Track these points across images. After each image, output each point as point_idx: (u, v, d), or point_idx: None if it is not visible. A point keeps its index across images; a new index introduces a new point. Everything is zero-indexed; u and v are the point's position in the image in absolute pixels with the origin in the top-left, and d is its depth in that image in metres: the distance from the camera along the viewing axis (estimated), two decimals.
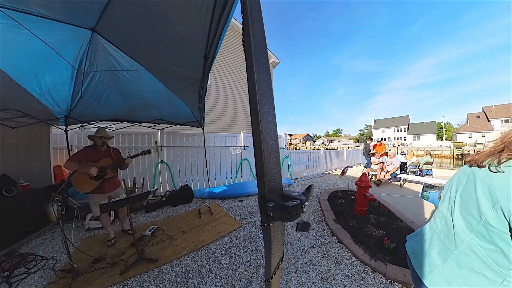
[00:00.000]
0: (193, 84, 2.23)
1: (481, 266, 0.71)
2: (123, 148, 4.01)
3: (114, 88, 2.44)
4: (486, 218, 0.68)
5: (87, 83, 2.29)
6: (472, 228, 0.73)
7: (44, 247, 2.45)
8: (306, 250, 2.39)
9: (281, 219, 0.55)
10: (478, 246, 0.71)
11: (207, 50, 1.54)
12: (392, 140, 48.61)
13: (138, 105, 2.95)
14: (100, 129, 2.47)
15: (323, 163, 8.20)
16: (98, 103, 2.71)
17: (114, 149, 2.61)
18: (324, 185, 5.72)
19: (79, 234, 2.80)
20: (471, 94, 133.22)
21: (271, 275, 0.67)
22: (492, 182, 0.70)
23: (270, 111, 0.57)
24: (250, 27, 0.54)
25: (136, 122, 3.58)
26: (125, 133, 4.17)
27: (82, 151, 2.38)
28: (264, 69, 0.55)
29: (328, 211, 3.36)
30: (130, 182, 3.96)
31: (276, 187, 0.58)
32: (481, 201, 0.70)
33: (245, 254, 2.28)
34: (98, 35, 1.64)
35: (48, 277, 1.93)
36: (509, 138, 0.71)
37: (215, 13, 1.18)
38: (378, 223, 2.94)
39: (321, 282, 1.89)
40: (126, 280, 1.87)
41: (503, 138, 0.73)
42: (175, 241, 2.53)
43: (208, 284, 1.82)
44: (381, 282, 1.90)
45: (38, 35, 1.46)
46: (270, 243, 0.64)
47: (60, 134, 3.66)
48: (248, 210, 3.61)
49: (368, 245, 2.42)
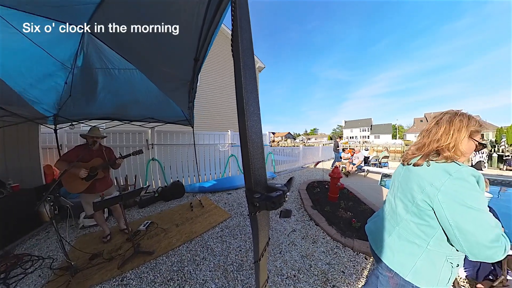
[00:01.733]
0: (184, 85, 2.12)
1: (413, 236, 0.83)
2: (114, 147, 3.71)
3: (105, 86, 2.23)
4: (416, 200, 0.80)
5: (77, 81, 2.06)
6: (408, 209, 0.85)
7: (39, 247, 2.21)
8: (289, 234, 2.46)
9: (266, 208, 0.56)
10: (411, 222, 0.84)
11: (197, 52, 1.47)
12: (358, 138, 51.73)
13: (129, 104, 2.72)
14: (93, 128, 2.22)
15: (302, 158, 8.42)
16: (89, 102, 2.46)
17: (107, 148, 2.34)
18: (303, 177, 5.89)
19: (73, 232, 2.56)
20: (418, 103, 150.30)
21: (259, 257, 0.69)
22: (420, 174, 0.82)
23: (255, 111, 0.56)
24: (239, 34, 0.53)
25: (127, 120, 3.31)
26: (116, 132, 3.86)
27: (73, 151, 2.11)
28: (250, 73, 0.55)
29: (306, 199, 3.47)
30: (123, 179, 3.69)
31: (261, 180, 0.58)
32: (414, 188, 0.82)
33: (235, 241, 2.28)
34: (90, 34, 1.50)
35: (46, 276, 1.75)
36: (428, 148, 0.82)
37: (206, 19, 1.13)
38: (347, 207, 3.11)
39: (302, 259, 1.98)
40: (125, 273, 1.76)
41: (426, 145, 0.84)
42: (169, 234, 2.43)
43: (203, 270, 1.79)
44: (350, 254, 2.06)
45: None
46: (257, 229, 0.64)
47: (49, 133, 3.27)
48: (236, 201, 3.59)
49: (339, 226, 2.56)
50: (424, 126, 0.92)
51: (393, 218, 0.94)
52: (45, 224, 2.66)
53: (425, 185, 0.77)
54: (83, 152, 2.07)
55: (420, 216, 0.80)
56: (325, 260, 1.97)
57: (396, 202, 0.94)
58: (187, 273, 1.76)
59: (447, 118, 0.80)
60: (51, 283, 1.65)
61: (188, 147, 4.52)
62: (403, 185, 0.91)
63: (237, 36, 0.53)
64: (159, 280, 1.68)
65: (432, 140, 0.81)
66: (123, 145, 3.93)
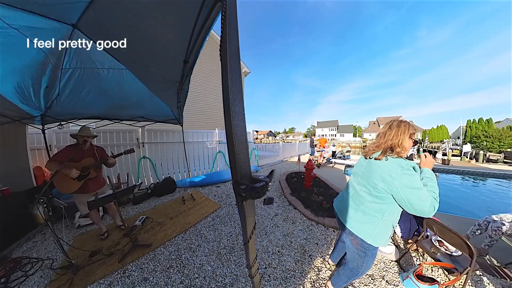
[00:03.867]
0: (173, 86, 1.97)
1: (374, 212, 1.01)
2: (105, 146, 3.34)
3: (94, 86, 1.96)
4: (377, 187, 0.96)
5: (65, 80, 1.79)
6: (370, 193, 1.01)
7: (37, 249, 1.93)
8: (272, 217, 2.52)
9: (251, 197, 0.56)
10: (373, 202, 1.01)
11: (187, 55, 1.38)
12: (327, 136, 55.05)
13: (119, 103, 2.43)
14: (83, 128, 1.96)
15: (282, 153, 8.61)
16: (78, 101, 2.14)
17: (98, 147, 2.09)
18: (282, 169, 6.04)
19: (70, 232, 2.27)
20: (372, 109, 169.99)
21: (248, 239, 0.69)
22: (381, 166, 0.97)
23: (240, 111, 0.56)
24: (227, 40, 0.52)
25: (117, 120, 2.97)
26: (106, 131, 3.45)
27: (64, 151, 1.86)
28: (236, 76, 0.54)
29: (286, 188, 3.57)
30: (115, 178, 3.35)
31: (246, 173, 0.58)
32: (376, 177, 0.98)
33: (226, 228, 2.26)
34: (79, 32, 1.30)
35: (48, 276, 1.56)
36: (385, 145, 0.99)
37: (197, 24, 1.06)
38: (319, 192, 3.30)
39: (284, 237, 2.06)
40: (126, 265, 1.65)
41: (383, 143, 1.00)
42: (164, 226, 2.30)
43: (199, 256, 1.76)
44: (322, 229, 2.23)
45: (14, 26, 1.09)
46: (245, 216, 0.64)
47: (37, 134, 2.80)
48: (225, 193, 3.54)
49: (313, 208, 2.70)
50: (377, 128, 1.07)
51: (357, 199, 1.09)
52: (40, 226, 2.31)
53: (385, 175, 0.93)
54: (74, 152, 1.82)
55: (379, 197, 0.97)
56: (302, 236, 2.09)
57: (359, 187, 1.08)
58: (184, 260, 1.71)
59: (395, 124, 0.99)
60: (54, 282, 1.48)
61: (178, 145, 4.29)
62: (366, 174, 1.04)
63: (225, 42, 0.52)
64: (159, 268, 1.61)
65: (387, 139, 0.98)
66: (114, 144, 3.55)
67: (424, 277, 1.41)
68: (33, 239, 2.14)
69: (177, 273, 1.55)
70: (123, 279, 1.51)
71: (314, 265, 1.66)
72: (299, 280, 1.49)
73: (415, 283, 1.34)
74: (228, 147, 0.57)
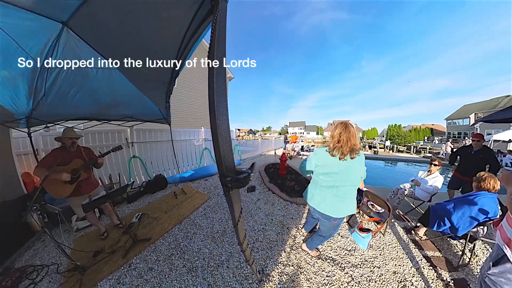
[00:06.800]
0: (162, 86, 1.76)
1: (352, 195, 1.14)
2: (94, 147, 2.77)
3: (83, 86, 1.62)
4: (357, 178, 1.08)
5: (52, 80, 1.43)
6: (355, 185, 1.11)
7: (40, 257, 1.56)
8: (255, 202, 2.56)
9: (236, 187, 0.57)
10: (350, 187, 1.11)
11: (177, 58, 1.25)
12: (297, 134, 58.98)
13: (108, 103, 2.06)
14: (67, 129, 1.61)
15: (261, 148, 8.70)
16: (65, 102, 1.74)
17: (86, 148, 1.76)
18: (262, 161, 6.13)
19: (70, 236, 1.88)
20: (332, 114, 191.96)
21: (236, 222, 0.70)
22: (356, 163, 1.06)
23: (224, 111, 0.54)
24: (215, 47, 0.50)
25: (105, 120, 2.51)
26: (95, 132, 2.86)
27: (50, 155, 1.53)
28: (221, 80, 0.52)
29: (265, 177, 3.64)
30: (107, 179, 2.85)
31: (230, 166, 0.58)
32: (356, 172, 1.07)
33: (216, 215, 2.20)
34: (69, 30, 1.04)
35: (56, 281, 1.31)
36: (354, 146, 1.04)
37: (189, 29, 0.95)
38: (291, 179, 3.48)
39: (266, 217, 2.14)
40: (130, 260, 1.47)
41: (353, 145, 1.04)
42: (160, 220, 2.09)
43: (196, 242, 1.69)
44: (295, 207, 2.39)
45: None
46: (232, 203, 0.64)
47: (22, 138, 2.20)
48: (213, 185, 3.41)
49: (288, 191, 2.84)
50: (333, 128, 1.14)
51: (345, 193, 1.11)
52: (38, 233, 1.83)
53: (362, 165, 1.07)
54: (61, 155, 1.48)
55: (356, 185, 1.10)
56: (280, 214, 2.21)
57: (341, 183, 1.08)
58: (183, 247, 1.62)
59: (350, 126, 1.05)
60: (65, 285, 1.27)
61: (167, 143, 3.88)
62: (346, 171, 1.05)
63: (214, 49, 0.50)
64: (162, 258, 1.51)
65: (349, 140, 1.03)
66: (103, 145, 2.98)
67: (363, 229, 1.74)
68: (33, 247, 1.71)
69: (178, 259, 1.49)
70: (130, 272, 1.39)
71: (291, 234, 1.80)
72: (280, 247, 1.61)
73: (358, 234, 1.66)
74: (213, 144, 0.55)
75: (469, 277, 1.34)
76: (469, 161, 2.27)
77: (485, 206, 1.34)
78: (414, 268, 1.41)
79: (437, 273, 1.37)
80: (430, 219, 1.62)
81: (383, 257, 1.52)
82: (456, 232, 1.42)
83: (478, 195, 1.41)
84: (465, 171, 2.28)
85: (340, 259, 1.48)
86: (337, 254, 1.54)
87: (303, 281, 1.27)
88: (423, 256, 1.54)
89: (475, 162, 2.20)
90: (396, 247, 1.65)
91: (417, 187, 2.24)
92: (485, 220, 1.33)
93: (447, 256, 1.55)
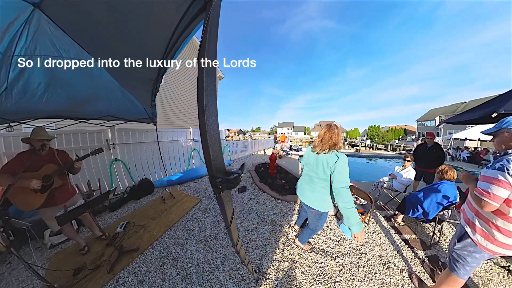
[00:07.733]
0: (147, 83, 1.62)
1: (324, 189, 1.19)
2: (69, 150, 2.38)
3: (55, 78, 1.39)
4: (326, 172, 1.12)
5: (18, 71, 1.19)
6: (320, 177, 1.17)
7: (6, 283, 1.27)
8: (247, 202, 2.56)
9: (227, 188, 0.56)
10: (323, 181, 1.17)
11: (165, 54, 1.17)
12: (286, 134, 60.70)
13: (85, 97, 1.80)
14: (37, 129, 1.36)
15: (250, 148, 8.69)
16: (33, 97, 1.47)
17: (60, 151, 1.51)
18: (252, 161, 6.15)
19: (43, 254, 1.58)
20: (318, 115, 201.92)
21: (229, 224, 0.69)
22: (327, 158, 1.12)
23: (214, 112, 0.53)
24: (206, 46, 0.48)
25: (82, 119, 2.21)
26: (69, 132, 2.48)
27: (16, 159, 1.29)
28: (211, 80, 0.51)
29: (255, 177, 3.66)
30: (85, 185, 2.49)
31: (220, 167, 0.57)
32: (324, 166, 1.13)
33: (208, 218, 2.14)
34: (41, 13, 0.88)
35: None
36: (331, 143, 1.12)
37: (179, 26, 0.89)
38: (281, 177, 3.57)
39: (258, 216, 2.16)
40: (117, 274, 1.31)
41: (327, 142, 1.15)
42: (148, 228, 1.93)
43: (188, 248, 1.61)
44: (286, 204, 2.46)
45: None
46: (223, 205, 0.63)
47: None
48: (203, 188, 3.30)
49: (278, 190, 2.90)
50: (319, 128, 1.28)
51: (313, 183, 1.24)
52: (2, 255, 1.51)
53: (330, 164, 1.10)
54: (30, 160, 1.25)
55: (326, 179, 1.14)
56: (272, 212, 2.25)
57: (312, 174, 1.23)
58: (175, 254, 1.53)
59: (334, 127, 1.15)
60: None
61: (152, 145, 3.61)
62: (317, 165, 1.19)
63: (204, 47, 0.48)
64: (152, 268, 1.38)
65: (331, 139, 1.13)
66: (80, 147, 2.61)
67: None
68: None
69: (171, 268, 1.40)
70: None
71: (283, 231, 1.85)
72: (274, 245, 1.64)
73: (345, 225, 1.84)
74: (202, 145, 0.54)
75: (440, 253, 1.57)
76: (426, 156, 2.72)
77: (447, 193, 1.68)
78: (396, 251, 1.58)
79: (414, 253, 1.57)
80: (406, 207, 1.91)
81: (368, 244, 1.66)
82: (427, 216, 1.71)
83: (441, 183, 1.74)
84: (424, 164, 2.73)
85: (331, 250, 1.57)
86: (328, 245, 1.63)
87: (298, 274, 1.32)
88: (402, 239, 1.73)
89: (430, 156, 2.67)
90: (379, 234, 1.83)
91: (394, 180, 2.54)
92: (448, 204, 1.65)
93: (421, 237, 1.78)
